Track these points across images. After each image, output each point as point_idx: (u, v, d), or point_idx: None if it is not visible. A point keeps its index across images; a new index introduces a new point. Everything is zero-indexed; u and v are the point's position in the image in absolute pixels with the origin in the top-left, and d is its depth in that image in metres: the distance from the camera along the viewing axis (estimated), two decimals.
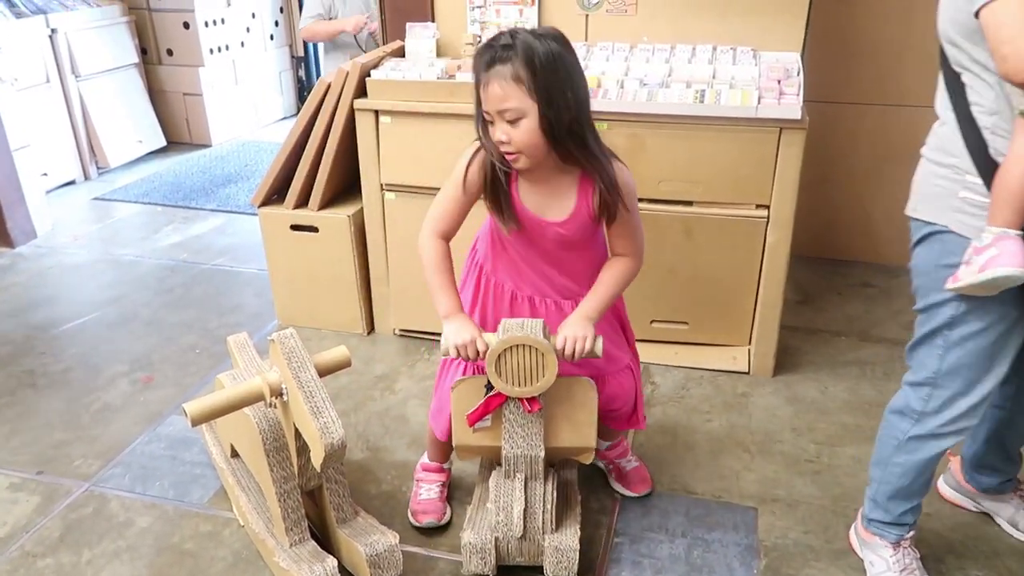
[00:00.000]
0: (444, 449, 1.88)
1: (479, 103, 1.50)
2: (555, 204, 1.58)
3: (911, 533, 1.67)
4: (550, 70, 1.42)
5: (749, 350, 2.47)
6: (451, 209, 1.62)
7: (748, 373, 2.46)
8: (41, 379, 2.51)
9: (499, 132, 1.46)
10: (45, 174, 4.08)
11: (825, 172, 3.12)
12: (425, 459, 1.94)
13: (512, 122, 1.44)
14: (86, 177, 4.49)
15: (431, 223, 1.65)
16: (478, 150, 1.57)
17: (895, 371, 2.47)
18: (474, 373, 1.67)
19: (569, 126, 1.46)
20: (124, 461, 2.13)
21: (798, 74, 2.27)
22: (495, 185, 1.57)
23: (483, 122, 1.52)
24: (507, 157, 1.50)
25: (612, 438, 1.95)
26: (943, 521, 1.86)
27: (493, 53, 1.44)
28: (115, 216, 3.94)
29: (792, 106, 2.13)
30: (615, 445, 1.98)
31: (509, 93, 1.42)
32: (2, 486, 2.04)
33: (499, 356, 1.51)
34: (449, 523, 1.86)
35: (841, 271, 3.16)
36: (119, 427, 2.27)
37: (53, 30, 4.21)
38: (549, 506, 1.63)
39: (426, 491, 1.90)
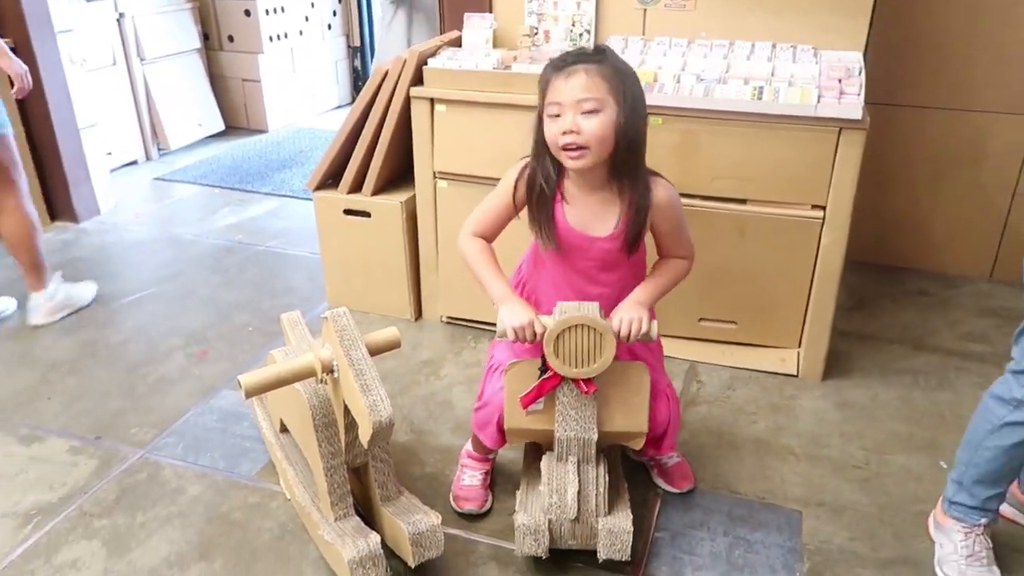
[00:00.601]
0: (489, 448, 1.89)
1: (543, 102, 1.54)
2: (600, 220, 1.63)
3: (985, 520, 1.68)
4: (633, 82, 1.54)
5: (798, 353, 2.44)
6: (493, 217, 1.70)
7: (796, 376, 2.42)
8: (102, 349, 2.60)
9: (568, 123, 1.49)
10: (110, 153, 4.21)
11: (882, 176, 3.06)
12: (470, 447, 1.96)
13: (588, 113, 1.48)
14: (148, 158, 4.62)
15: (471, 225, 1.71)
16: (526, 166, 1.64)
17: (949, 381, 2.42)
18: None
19: (635, 138, 1.54)
20: (178, 431, 2.19)
21: (860, 73, 2.23)
22: (540, 202, 1.61)
23: (540, 125, 1.56)
24: (569, 153, 1.51)
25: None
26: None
27: (581, 54, 1.52)
28: (174, 196, 4.05)
29: (853, 106, 2.09)
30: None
31: (595, 85, 1.48)
32: (63, 449, 2.12)
33: (557, 337, 1.52)
34: (490, 510, 1.88)
35: (896, 278, 3.09)
36: (174, 398, 2.34)
37: (121, 14, 4.33)
38: (602, 489, 1.64)
39: (469, 477, 1.92)
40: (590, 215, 1.62)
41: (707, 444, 2.14)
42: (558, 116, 1.51)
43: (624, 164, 1.56)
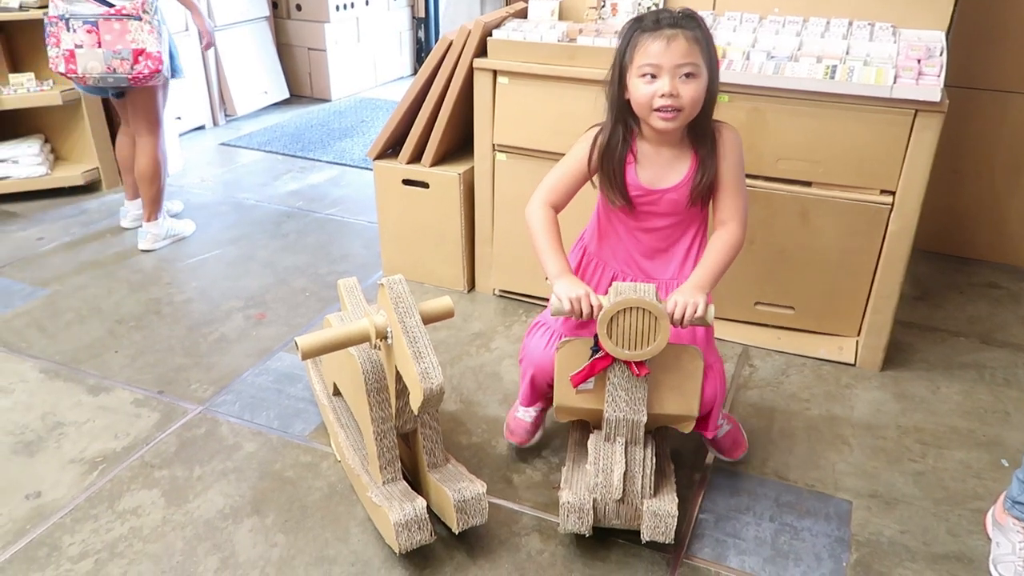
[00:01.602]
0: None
1: (629, 61, 1.56)
2: (670, 173, 1.66)
3: None
4: (714, 48, 1.59)
5: (857, 341, 2.37)
6: (566, 184, 1.72)
7: (854, 365, 2.36)
8: (166, 307, 2.69)
9: (666, 84, 1.53)
10: (179, 118, 4.33)
11: (957, 162, 2.93)
12: None
13: (686, 77, 1.53)
14: (215, 123, 4.73)
15: (543, 193, 1.73)
16: (600, 132, 1.68)
17: (1017, 378, 2.33)
18: (561, 336, 1.69)
19: (713, 100, 1.61)
20: (235, 389, 2.26)
21: (941, 54, 2.13)
22: (614, 165, 1.65)
23: (618, 85, 1.60)
24: (663, 114, 1.55)
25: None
26: None
27: (677, 17, 1.55)
28: (239, 162, 4.14)
29: (932, 87, 2.01)
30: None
31: (694, 52, 1.53)
32: (127, 400, 2.21)
33: (611, 318, 1.51)
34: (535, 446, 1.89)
35: (965, 269, 2.98)
36: (232, 358, 2.41)
37: None
38: (648, 471, 1.63)
39: (523, 412, 1.95)
40: (660, 170, 1.67)
41: (757, 429, 2.11)
42: (654, 77, 1.54)
43: (700, 122, 1.62)
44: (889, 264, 2.23)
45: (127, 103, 2.97)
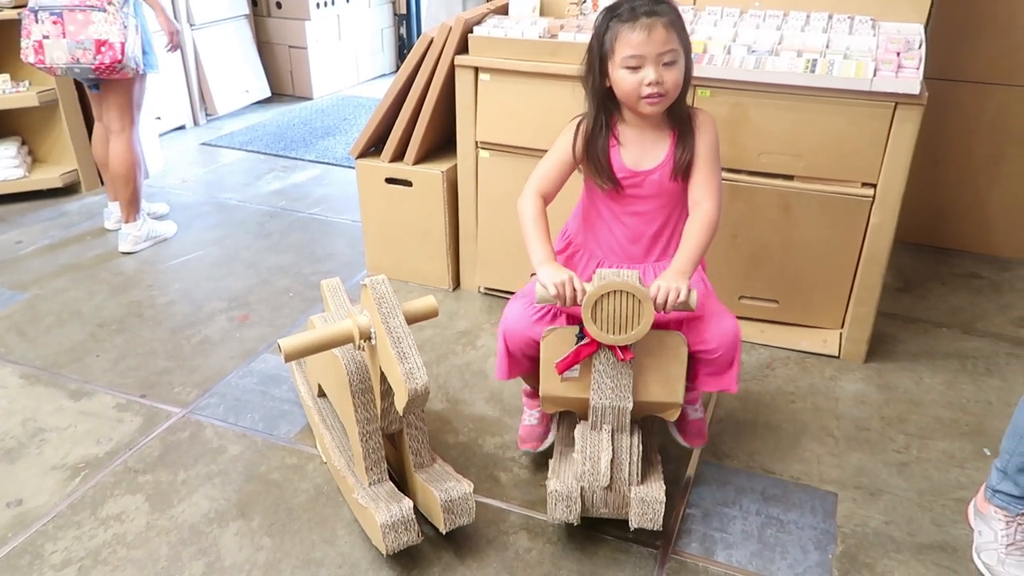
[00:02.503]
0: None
1: (610, 52, 1.59)
2: (651, 154, 1.70)
3: None
4: (685, 28, 1.63)
5: (841, 334, 2.39)
6: (556, 174, 1.75)
7: (838, 357, 2.38)
8: (148, 309, 2.67)
9: (652, 74, 1.57)
10: (159, 118, 4.28)
11: (938, 154, 2.96)
12: (525, 384, 1.94)
13: (667, 64, 1.57)
14: (195, 123, 4.69)
15: (533, 182, 1.75)
16: (582, 120, 1.72)
17: (999, 367, 2.35)
18: (551, 318, 1.69)
19: (689, 79, 1.66)
20: (219, 392, 2.24)
21: (920, 47, 2.14)
22: (598, 151, 1.69)
23: (599, 74, 1.63)
24: (649, 101, 1.59)
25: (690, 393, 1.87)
26: None
27: (648, 4, 1.57)
28: (220, 161, 4.11)
29: (911, 80, 2.02)
30: (688, 390, 1.91)
31: (671, 38, 1.57)
32: (109, 405, 2.18)
33: (595, 302, 1.51)
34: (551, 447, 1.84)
35: (947, 260, 3.00)
36: (216, 360, 2.39)
37: None
38: (635, 458, 1.63)
39: (528, 417, 1.94)
40: (642, 152, 1.70)
41: (743, 422, 2.11)
42: (638, 68, 1.57)
43: (678, 103, 1.66)
44: (871, 256, 2.24)
45: (101, 97, 2.96)
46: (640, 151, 1.70)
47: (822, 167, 2.21)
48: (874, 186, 2.17)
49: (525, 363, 1.75)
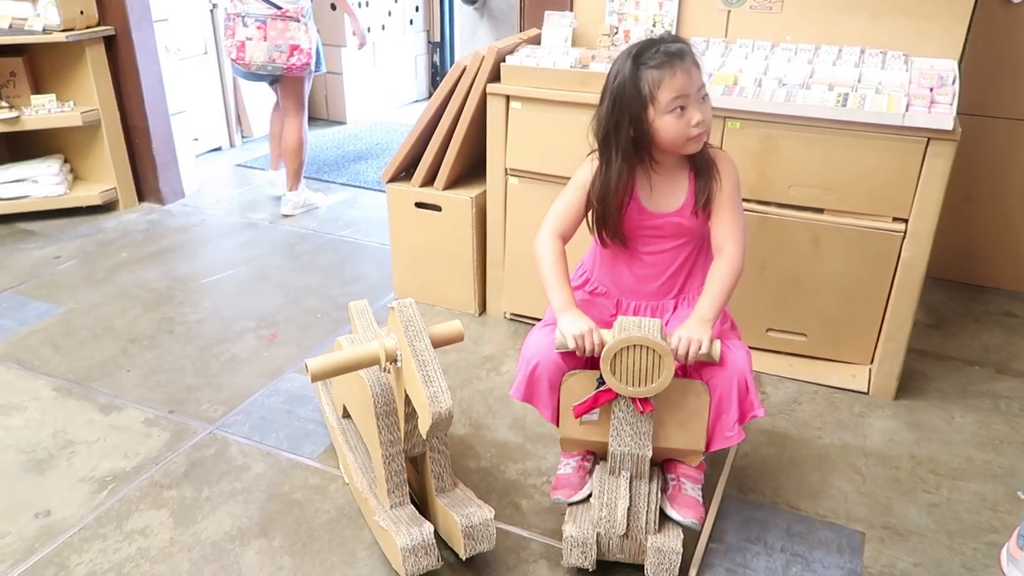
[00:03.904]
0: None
1: (646, 102, 1.56)
2: (673, 196, 1.69)
3: None
4: None
5: (870, 369, 2.35)
6: (573, 213, 1.73)
7: (867, 393, 2.34)
8: (179, 326, 2.71)
9: (698, 113, 1.57)
10: (196, 139, 4.38)
11: (971, 190, 2.92)
12: None
13: (703, 98, 1.58)
14: (231, 144, 4.78)
15: (550, 223, 1.73)
16: (600, 167, 1.67)
17: None
18: (573, 366, 1.66)
19: None
20: (246, 410, 2.26)
21: (953, 83, 2.14)
22: (613, 204, 1.65)
23: (637, 125, 1.59)
24: (697, 140, 1.60)
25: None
26: None
27: (672, 45, 1.57)
28: (254, 183, 4.18)
29: (944, 116, 2.01)
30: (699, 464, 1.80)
31: (700, 73, 1.59)
32: (138, 419, 2.22)
33: (615, 355, 1.50)
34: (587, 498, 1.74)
35: (980, 297, 2.96)
36: (243, 378, 2.41)
37: (214, 4, 4.49)
38: (653, 506, 1.62)
39: (563, 466, 1.83)
40: (663, 195, 1.69)
41: (768, 457, 2.09)
42: (683, 109, 1.56)
43: None
44: (902, 292, 2.21)
45: (279, 88, 3.62)
46: (662, 194, 1.68)
47: (853, 201, 2.19)
48: (906, 221, 2.15)
49: (546, 387, 1.67)
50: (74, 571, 1.71)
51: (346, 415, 2.01)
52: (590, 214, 1.72)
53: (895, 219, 2.17)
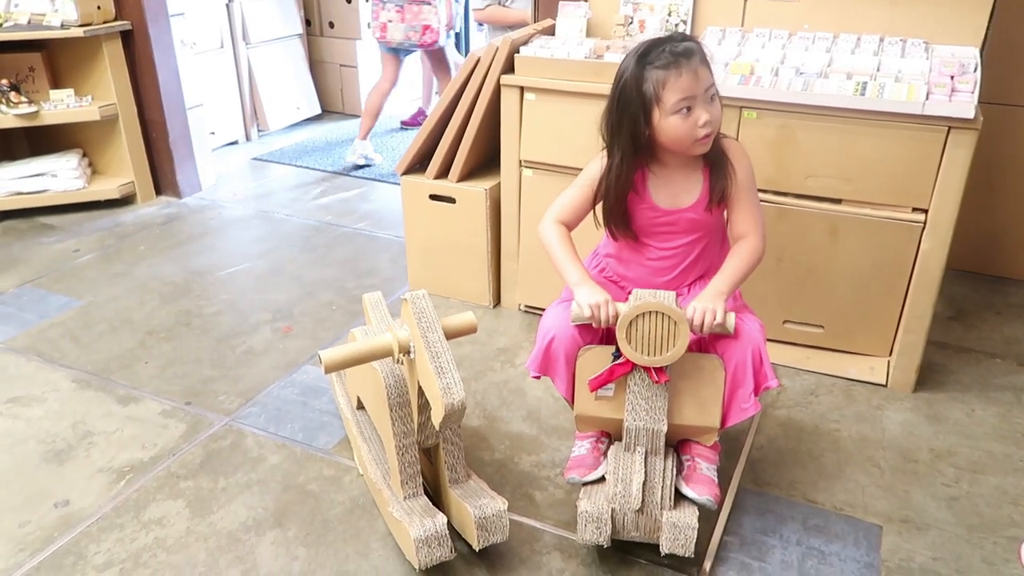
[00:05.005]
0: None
1: (651, 102, 1.55)
2: (687, 191, 1.68)
3: None
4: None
5: (889, 362, 2.33)
6: (578, 206, 1.74)
7: (885, 386, 2.32)
8: (196, 319, 2.73)
9: (705, 114, 1.55)
10: (213, 133, 4.40)
11: (993, 180, 2.88)
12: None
13: (711, 98, 1.56)
14: (247, 138, 4.80)
15: (554, 213, 1.76)
16: (609, 166, 1.67)
17: None
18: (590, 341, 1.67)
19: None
20: (261, 401, 2.28)
21: (975, 70, 2.10)
22: (620, 201, 1.66)
23: (642, 126, 1.58)
24: (704, 141, 1.58)
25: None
26: None
27: (680, 44, 1.55)
28: (270, 176, 4.20)
29: (965, 104, 1.98)
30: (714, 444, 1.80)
31: (708, 72, 1.56)
32: (155, 411, 2.23)
33: (631, 323, 1.50)
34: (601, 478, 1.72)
35: (1001, 289, 2.91)
36: (259, 370, 2.43)
37: None
38: (668, 482, 1.61)
39: (577, 447, 1.82)
40: (677, 190, 1.68)
41: (785, 450, 2.07)
42: (690, 110, 1.55)
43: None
44: (922, 283, 2.19)
45: (426, 58, 4.53)
46: (674, 190, 1.68)
47: (871, 191, 2.16)
48: (925, 211, 2.12)
49: (563, 361, 1.66)
50: (92, 560, 1.73)
51: (360, 407, 2.02)
52: (598, 208, 1.73)
53: (915, 209, 2.14)
